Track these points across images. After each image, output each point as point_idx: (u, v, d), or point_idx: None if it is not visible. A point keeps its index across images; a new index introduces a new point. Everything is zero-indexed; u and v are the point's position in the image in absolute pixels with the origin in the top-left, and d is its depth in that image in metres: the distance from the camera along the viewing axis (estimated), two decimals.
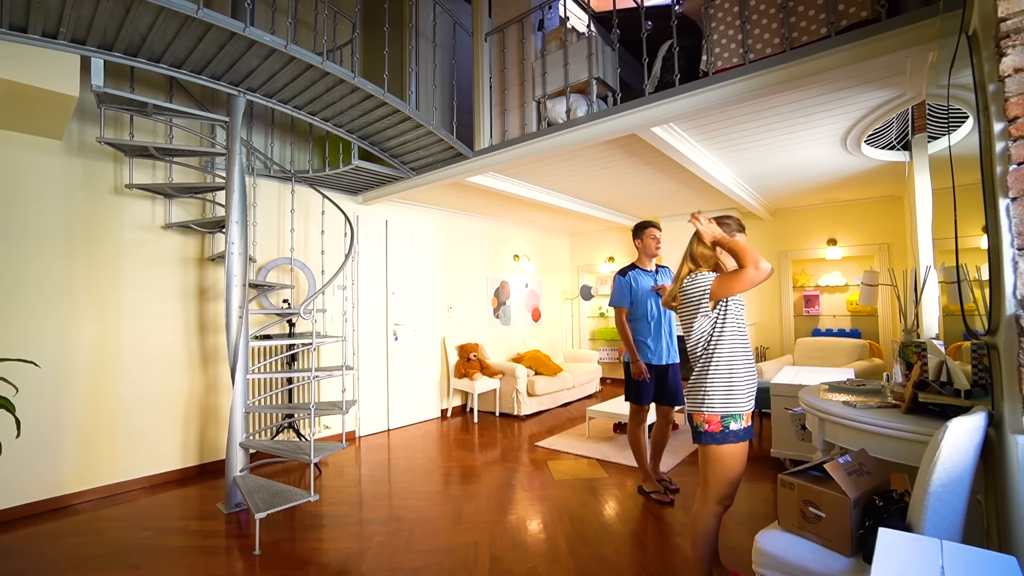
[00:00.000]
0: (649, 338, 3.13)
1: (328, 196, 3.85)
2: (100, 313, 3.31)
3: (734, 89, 2.51)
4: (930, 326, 2.96)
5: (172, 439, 3.59)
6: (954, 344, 2.39)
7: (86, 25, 2.33)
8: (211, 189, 3.55)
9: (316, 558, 2.43)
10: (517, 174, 4.42)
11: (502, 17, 3.88)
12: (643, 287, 3.16)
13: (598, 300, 7.67)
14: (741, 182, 4.75)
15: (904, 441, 1.77)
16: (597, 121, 3.04)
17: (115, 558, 2.45)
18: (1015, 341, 1.22)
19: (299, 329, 3.97)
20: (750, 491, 3.18)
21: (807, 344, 5.37)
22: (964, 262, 1.77)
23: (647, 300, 3.14)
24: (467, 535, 2.64)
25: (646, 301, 3.14)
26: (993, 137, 1.31)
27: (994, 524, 1.48)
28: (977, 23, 1.45)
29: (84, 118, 3.26)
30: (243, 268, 3.03)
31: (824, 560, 1.49)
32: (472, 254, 6.22)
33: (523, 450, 4.19)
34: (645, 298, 3.14)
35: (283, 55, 2.64)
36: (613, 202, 5.74)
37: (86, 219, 3.28)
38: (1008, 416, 1.32)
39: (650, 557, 2.38)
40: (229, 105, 3.07)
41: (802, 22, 2.49)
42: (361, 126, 3.51)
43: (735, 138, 3.54)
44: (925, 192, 3.18)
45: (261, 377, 3.93)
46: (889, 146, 3.81)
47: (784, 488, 1.66)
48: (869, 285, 3.68)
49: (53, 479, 3.08)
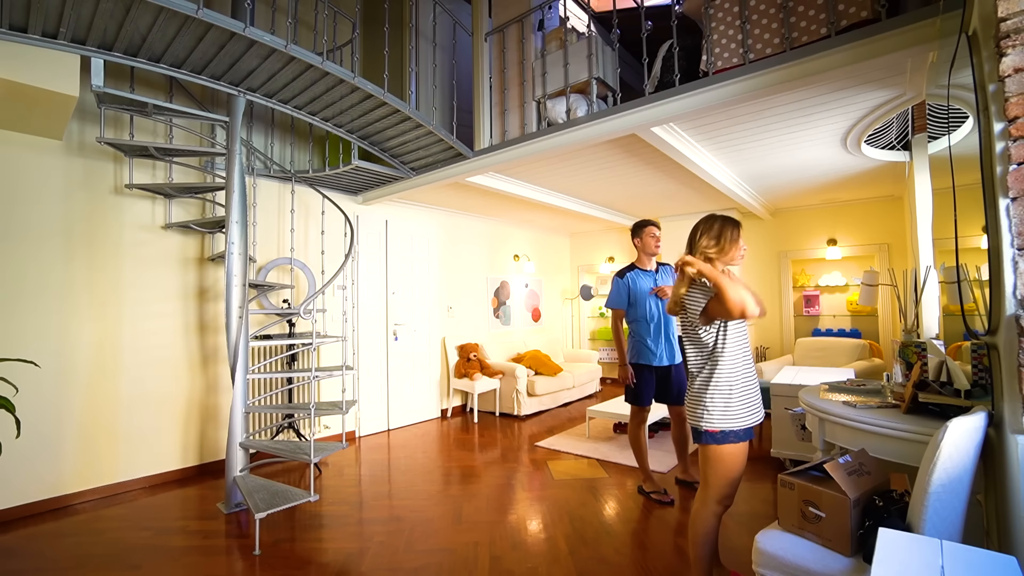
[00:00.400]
0: (649, 339, 3.13)
1: (328, 196, 3.86)
2: (100, 313, 3.31)
3: (734, 89, 2.51)
4: (930, 326, 2.96)
5: (172, 439, 3.59)
6: (954, 344, 2.39)
7: (86, 25, 2.33)
8: (211, 189, 3.55)
9: (316, 558, 2.43)
10: (517, 174, 4.42)
11: (502, 17, 3.88)
12: (642, 288, 3.15)
13: (598, 300, 7.66)
14: (741, 182, 4.75)
15: (904, 441, 1.77)
16: (597, 121, 3.04)
17: (115, 558, 2.45)
18: (1015, 341, 1.22)
19: (299, 329, 3.97)
20: (750, 491, 3.18)
21: (807, 344, 5.37)
22: (964, 262, 1.77)
23: (646, 301, 3.13)
24: (467, 535, 2.64)
25: (645, 302, 3.13)
26: (993, 137, 1.31)
27: (994, 524, 1.48)
28: (977, 23, 1.45)
29: (84, 118, 3.26)
30: (243, 268, 3.03)
31: (824, 560, 1.49)
32: (472, 254, 6.22)
33: (523, 450, 4.19)
34: (644, 299, 3.13)
35: (283, 55, 2.64)
36: (613, 202, 5.74)
37: (86, 219, 3.28)
38: (1008, 416, 1.32)
39: (650, 557, 2.38)
40: (229, 105, 3.07)
41: (802, 22, 2.49)
42: (361, 126, 3.51)
43: (735, 138, 3.53)
44: (925, 192, 3.18)
45: (261, 377, 3.93)
46: (889, 146, 3.81)
47: (784, 488, 1.66)
48: (869, 285, 3.68)
49: (53, 479, 3.08)
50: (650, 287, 3.14)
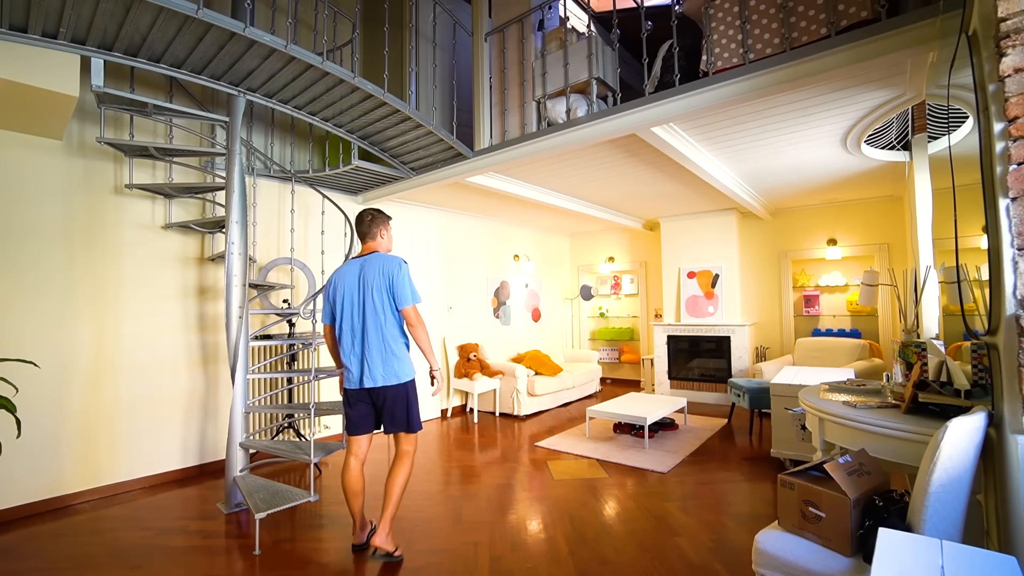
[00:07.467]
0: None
1: (328, 196, 3.85)
2: (100, 313, 3.31)
3: (734, 89, 2.51)
4: (930, 326, 2.96)
5: (172, 439, 3.59)
6: (954, 344, 2.39)
7: (86, 25, 2.33)
8: (211, 189, 3.55)
9: (316, 558, 2.42)
10: (517, 174, 4.42)
11: (502, 17, 3.88)
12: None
13: (598, 300, 7.67)
14: (741, 182, 4.75)
15: (904, 441, 1.77)
16: (597, 121, 3.04)
17: (115, 558, 2.45)
18: (1015, 341, 1.22)
19: (299, 329, 3.97)
20: (750, 491, 3.19)
21: (807, 344, 5.37)
22: (964, 262, 1.77)
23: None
24: (467, 535, 2.64)
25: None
26: (993, 137, 1.31)
27: (994, 524, 1.48)
28: (977, 23, 1.45)
29: (84, 118, 3.26)
30: (243, 268, 3.03)
31: (824, 560, 1.49)
32: (472, 254, 6.22)
33: (523, 450, 4.19)
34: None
35: (283, 55, 2.64)
36: (613, 202, 5.74)
37: (86, 219, 3.27)
38: (1008, 416, 1.32)
39: (650, 557, 2.38)
40: (229, 105, 3.07)
41: (802, 22, 2.50)
42: (361, 126, 3.51)
43: (735, 138, 3.53)
44: (925, 192, 3.18)
45: (261, 377, 3.93)
46: (889, 146, 3.81)
47: (784, 488, 1.66)
48: (869, 285, 3.68)
49: (53, 479, 3.08)
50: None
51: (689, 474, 3.50)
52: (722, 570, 2.24)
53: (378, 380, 2.39)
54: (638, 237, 7.29)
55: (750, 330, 5.91)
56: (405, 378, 2.45)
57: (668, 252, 6.49)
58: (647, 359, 6.68)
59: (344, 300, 2.45)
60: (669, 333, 6.27)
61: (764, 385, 4.30)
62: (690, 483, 3.33)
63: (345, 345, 2.45)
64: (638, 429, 4.40)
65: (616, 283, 7.46)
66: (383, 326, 2.40)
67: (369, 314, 2.40)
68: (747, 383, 4.42)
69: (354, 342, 2.42)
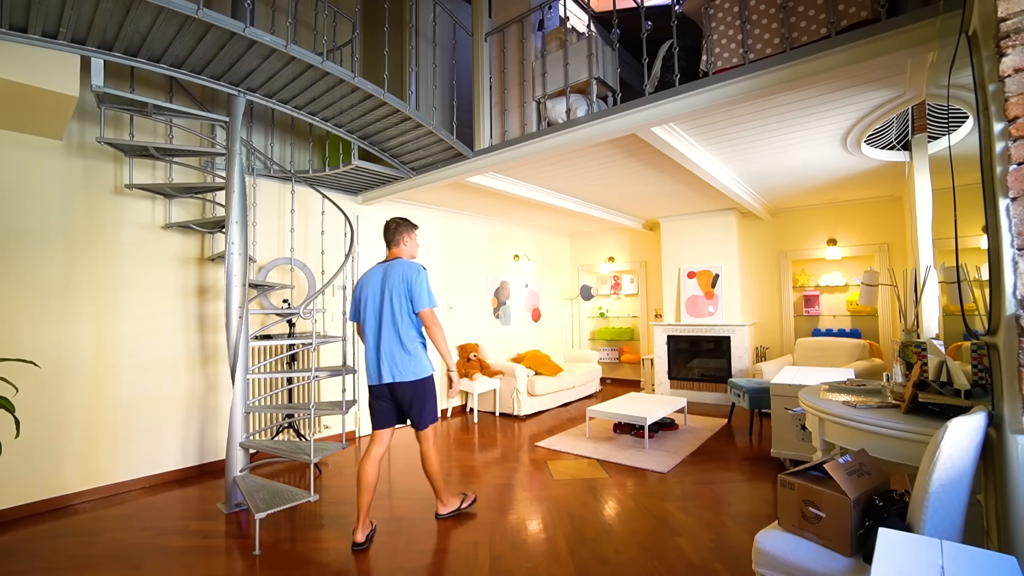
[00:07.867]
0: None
1: (328, 196, 3.86)
2: (100, 313, 3.31)
3: (734, 89, 2.51)
4: (930, 326, 2.96)
5: (172, 439, 3.59)
6: (954, 344, 2.39)
7: (86, 25, 2.33)
8: (211, 189, 3.55)
9: (316, 558, 2.43)
10: (517, 174, 4.42)
11: (502, 17, 3.88)
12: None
13: (598, 300, 7.67)
14: (741, 182, 4.75)
15: (904, 441, 1.77)
16: (597, 121, 3.04)
17: (115, 558, 2.45)
18: (1015, 341, 1.22)
19: (299, 329, 3.97)
20: (750, 491, 3.19)
21: (807, 344, 5.37)
22: (964, 262, 1.77)
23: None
24: (467, 535, 2.64)
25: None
26: (993, 137, 1.31)
27: (994, 524, 1.48)
28: (977, 23, 1.46)
29: (84, 118, 3.26)
30: (243, 268, 3.03)
31: (824, 560, 1.49)
32: (472, 254, 6.22)
33: (523, 450, 4.19)
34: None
35: (283, 55, 2.64)
36: (613, 202, 5.74)
37: (86, 219, 3.27)
38: (1008, 416, 1.32)
39: (650, 557, 2.38)
40: (229, 105, 3.07)
41: (802, 22, 2.50)
42: (361, 126, 3.51)
43: (735, 138, 3.53)
44: (925, 192, 3.18)
45: (261, 377, 3.93)
46: (889, 146, 3.81)
47: (784, 488, 1.66)
48: (869, 285, 3.68)
49: (53, 479, 3.08)
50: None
51: (689, 474, 3.50)
52: (722, 570, 2.24)
53: (396, 376, 2.59)
54: (638, 237, 7.29)
55: (750, 330, 5.90)
56: (421, 375, 2.64)
57: (668, 252, 6.48)
58: (647, 359, 6.68)
59: (368, 301, 2.66)
60: (669, 333, 6.27)
61: (764, 385, 4.31)
62: (690, 483, 3.33)
63: (368, 342, 2.65)
64: (638, 429, 4.40)
65: (616, 283, 7.46)
66: (401, 327, 2.60)
67: (388, 315, 2.60)
68: (747, 383, 4.42)
69: (375, 340, 2.63)
